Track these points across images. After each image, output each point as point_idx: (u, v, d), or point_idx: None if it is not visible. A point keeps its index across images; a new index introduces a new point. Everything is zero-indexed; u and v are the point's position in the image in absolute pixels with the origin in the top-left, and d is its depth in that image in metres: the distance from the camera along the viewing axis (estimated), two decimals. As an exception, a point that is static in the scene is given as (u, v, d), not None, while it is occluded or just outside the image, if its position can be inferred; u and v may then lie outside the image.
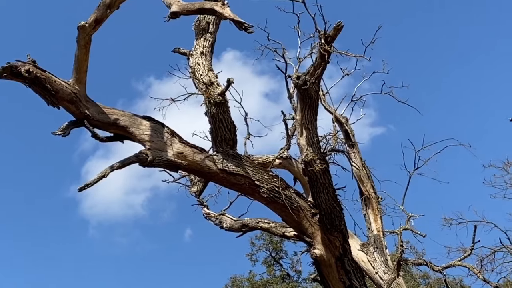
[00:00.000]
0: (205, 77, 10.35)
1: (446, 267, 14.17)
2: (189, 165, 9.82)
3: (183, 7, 9.46)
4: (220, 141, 10.13)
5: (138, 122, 9.75)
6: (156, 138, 9.67)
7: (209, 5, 9.42)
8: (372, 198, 14.83)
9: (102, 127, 9.58)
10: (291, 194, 10.22)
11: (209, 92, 10.11)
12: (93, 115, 9.38)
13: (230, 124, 10.15)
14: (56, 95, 9.02)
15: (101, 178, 8.90)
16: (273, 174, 10.32)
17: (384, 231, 14.47)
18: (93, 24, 9.15)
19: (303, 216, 10.20)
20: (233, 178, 9.99)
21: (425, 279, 35.96)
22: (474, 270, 14.62)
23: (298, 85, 9.93)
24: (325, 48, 9.59)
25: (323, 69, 9.88)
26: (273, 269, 41.27)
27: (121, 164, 9.22)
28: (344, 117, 16.03)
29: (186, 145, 9.89)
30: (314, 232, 10.22)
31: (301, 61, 15.92)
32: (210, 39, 11.02)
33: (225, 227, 14.06)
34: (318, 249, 10.14)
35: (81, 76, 9.39)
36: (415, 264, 15.16)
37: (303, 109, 10.20)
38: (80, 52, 9.24)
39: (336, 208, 10.23)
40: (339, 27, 9.51)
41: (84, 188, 8.69)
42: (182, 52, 11.05)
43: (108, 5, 9.21)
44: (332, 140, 15.62)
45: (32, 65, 8.77)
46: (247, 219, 13.57)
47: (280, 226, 12.81)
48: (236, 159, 10.06)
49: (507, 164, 21.86)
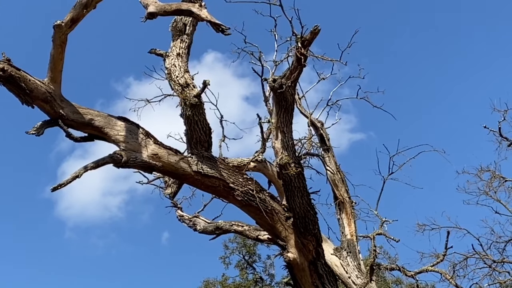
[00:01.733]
0: (181, 78, 10.32)
1: (418, 272, 14.22)
2: (163, 167, 9.79)
3: (160, 8, 9.42)
4: (195, 143, 10.10)
5: (113, 123, 9.70)
6: (130, 139, 9.63)
7: (186, 6, 9.39)
8: (346, 203, 14.86)
9: (77, 127, 9.50)
10: (266, 197, 10.22)
11: (185, 93, 10.08)
12: (67, 114, 9.30)
13: (205, 126, 10.13)
14: (30, 94, 8.95)
15: (74, 178, 8.83)
16: (247, 177, 10.30)
17: (358, 236, 14.51)
18: (69, 23, 9.08)
19: (277, 219, 10.21)
20: (208, 181, 9.97)
21: (397, 284, 36.14)
22: (446, 275, 14.71)
23: (274, 88, 9.94)
24: (302, 52, 9.60)
25: (299, 72, 9.89)
26: (246, 272, 41.20)
27: (95, 165, 9.15)
28: (320, 121, 16.06)
29: (161, 147, 9.86)
30: (287, 236, 10.22)
31: (277, 64, 15.99)
32: (187, 40, 10.99)
33: (199, 229, 14.03)
34: (291, 253, 10.16)
35: (56, 75, 9.32)
36: (388, 269, 15.21)
37: (278, 112, 10.20)
38: (56, 51, 9.16)
39: (310, 212, 10.25)
40: (316, 31, 9.53)
41: (57, 188, 8.62)
42: (159, 53, 11.02)
43: (85, 5, 9.15)
44: (307, 144, 15.67)
45: (6, 64, 8.69)
46: (221, 222, 13.54)
47: (254, 229, 12.79)
48: (211, 161, 10.04)
49: (481, 170, 22.08)
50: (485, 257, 20.26)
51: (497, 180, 21.91)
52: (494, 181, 21.91)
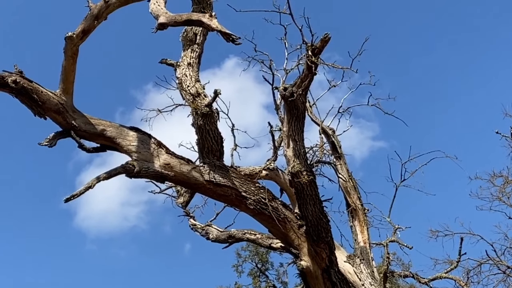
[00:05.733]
0: (192, 88, 10.35)
1: (432, 279, 14.19)
2: (175, 176, 9.82)
3: (171, 19, 9.46)
4: (207, 152, 10.12)
5: (125, 133, 9.74)
6: (142, 149, 9.66)
7: (197, 17, 9.41)
8: (358, 210, 14.83)
9: (89, 137, 9.57)
10: (278, 205, 10.22)
11: (196, 103, 10.10)
12: (79, 125, 9.36)
13: (217, 135, 10.15)
14: (42, 106, 9.02)
15: (87, 189, 8.85)
16: (259, 186, 10.31)
17: (371, 243, 14.47)
18: (80, 35, 9.17)
19: (290, 227, 10.21)
20: (220, 189, 9.99)
21: (411, 291, 35.97)
22: (460, 282, 14.66)
23: (285, 96, 9.96)
24: (312, 60, 9.62)
25: (310, 80, 9.90)
26: (259, 280, 41.09)
27: (108, 175, 9.18)
28: (331, 129, 16.06)
29: (173, 156, 9.89)
30: (300, 244, 10.21)
31: (288, 72, 15.99)
32: (198, 50, 11.02)
33: (211, 238, 14.06)
34: (304, 261, 10.14)
35: (68, 86, 9.39)
36: (402, 276, 15.18)
37: (290, 120, 10.22)
38: (68, 62, 9.23)
39: (323, 220, 10.23)
40: (326, 39, 9.53)
41: (71, 199, 8.63)
42: (170, 63, 11.04)
43: (96, 16, 9.24)
44: (319, 151, 15.66)
45: (19, 76, 8.77)
46: (234, 230, 13.57)
47: (267, 237, 12.81)
48: (223, 170, 10.06)
49: (494, 176, 21.93)
50: (499, 263, 20.11)
51: (510, 186, 21.73)
52: (507, 186, 21.74)
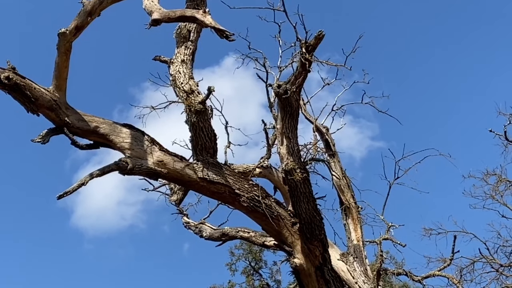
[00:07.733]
0: (185, 85, 10.33)
1: (425, 277, 14.18)
2: (169, 174, 9.79)
3: (164, 15, 9.44)
4: (201, 149, 10.10)
5: (118, 130, 9.71)
6: (136, 146, 9.64)
7: (190, 13, 9.40)
8: (352, 208, 14.82)
9: (82, 134, 9.52)
10: (271, 203, 10.21)
11: (190, 100, 10.08)
12: (73, 122, 9.32)
13: (210, 132, 10.14)
14: (35, 102, 8.97)
15: (80, 185, 8.83)
16: (253, 183, 10.29)
17: (364, 241, 14.46)
18: (73, 31, 9.12)
19: (283, 225, 10.19)
20: (213, 187, 9.97)
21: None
22: (453, 280, 14.69)
23: (279, 94, 9.94)
24: (306, 57, 9.61)
25: (304, 78, 9.90)
26: (252, 278, 41.06)
27: (101, 172, 9.16)
28: (325, 127, 16.04)
29: (166, 153, 9.86)
30: (294, 242, 10.21)
31: (282, 70, 15.97)
32: (191, 47, 11.00)
33: (205, 236, 14.02)
34: (297, 259, 10.14)
35: (61, 83, 9.34)
36: (395, 274, 15.16)
37: (283, 118, 10.20)
38: (61, 59, 9.19)
39: (316, 217, 10.23)
40: (320, 36, 9.53)
41: (63, 195, 8.62)
42: (163, 60, 11.03)
43: (89, 12, 9.19)
44: (313, 149, 15.64)
45: (11, 72, 8.71)
46: (227, 228, 13.52)
47: (260, 235, 12.77)
48: (217, 168, 10.04)
49: (487, 174, 22.00)
50: (492, 261, 20.18)
51: (503, 184, 21.81)
52: (500, 185, 21.82)
